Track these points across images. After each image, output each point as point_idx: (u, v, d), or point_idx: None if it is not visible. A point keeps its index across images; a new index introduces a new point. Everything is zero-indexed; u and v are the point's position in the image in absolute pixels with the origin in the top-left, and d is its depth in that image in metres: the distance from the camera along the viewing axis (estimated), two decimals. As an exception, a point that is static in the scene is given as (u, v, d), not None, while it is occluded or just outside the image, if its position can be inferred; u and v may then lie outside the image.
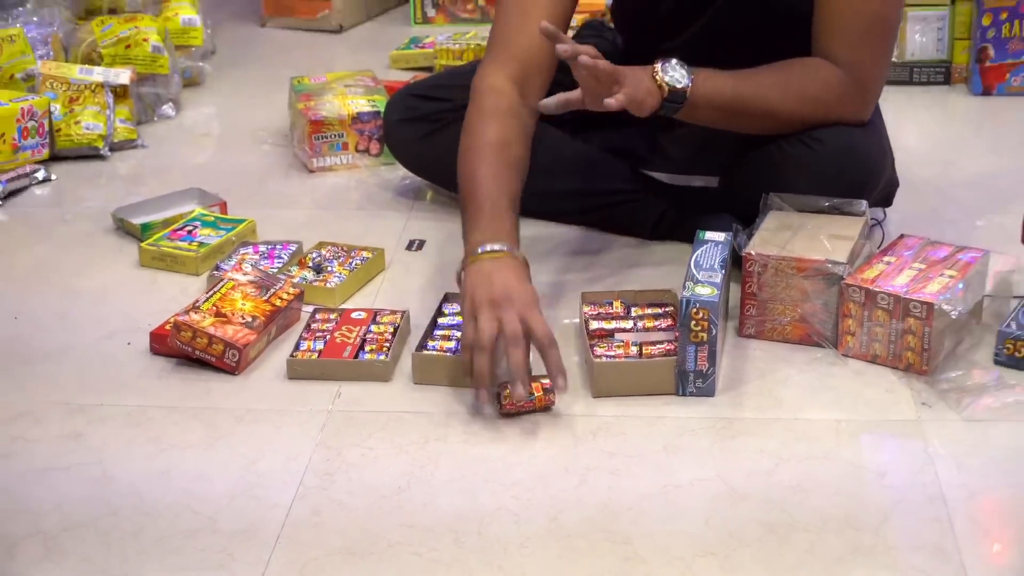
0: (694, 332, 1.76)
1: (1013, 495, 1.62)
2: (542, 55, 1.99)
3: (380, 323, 1.96)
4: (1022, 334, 1.85)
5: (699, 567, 1.48)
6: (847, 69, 2.00)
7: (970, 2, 2.94)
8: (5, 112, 2.49)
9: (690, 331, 1.76)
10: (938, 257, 1.94)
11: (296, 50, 3.30)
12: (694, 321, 1.75)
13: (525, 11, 2.02)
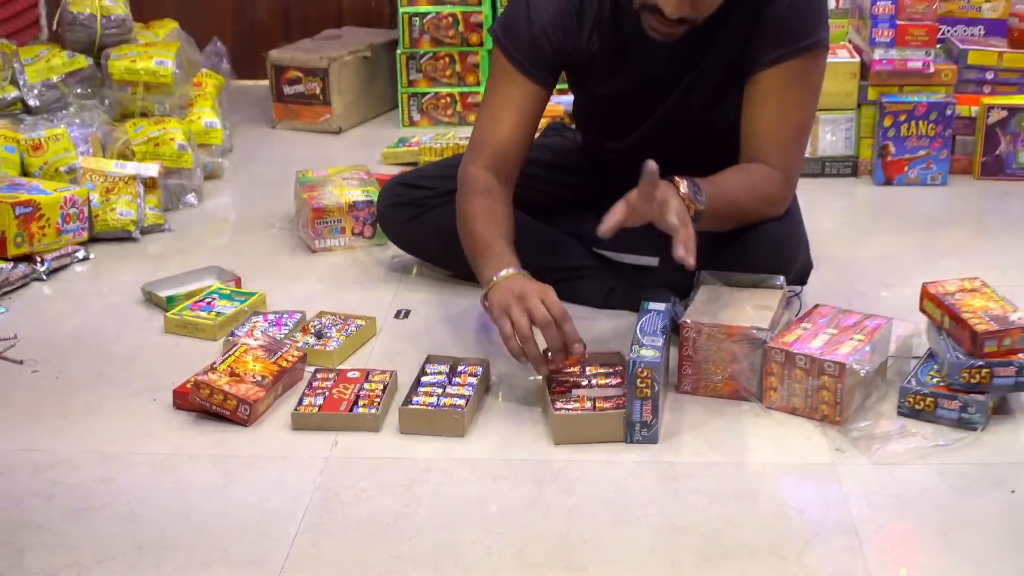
0: (640, 388, 1.77)
1: (916, 528, 1.62)
2: (510, 150, 2.05)
3: (372, 381, 1.95)
4: (921, 389, 1.86)
5: (645, 590, 1.47)
6: (779, 167, 2.01)
7: (873, 106, 2.97)
8: (50, 200, 2.49)
9: (636, 387, 1.77)
10: (848, 323, 1.95)
11: (301, 148, 3.31)
12: (639, 379, 1.76)
13: (496, 118, 2.06)
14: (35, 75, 2.96)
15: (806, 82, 2.03)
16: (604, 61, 2.08)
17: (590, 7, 2.03)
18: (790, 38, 1.96)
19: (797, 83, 2.00)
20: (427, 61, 3.42)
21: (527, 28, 2.03)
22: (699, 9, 1.83)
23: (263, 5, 3.96)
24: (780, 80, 1.98)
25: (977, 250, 2.58)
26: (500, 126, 2.06)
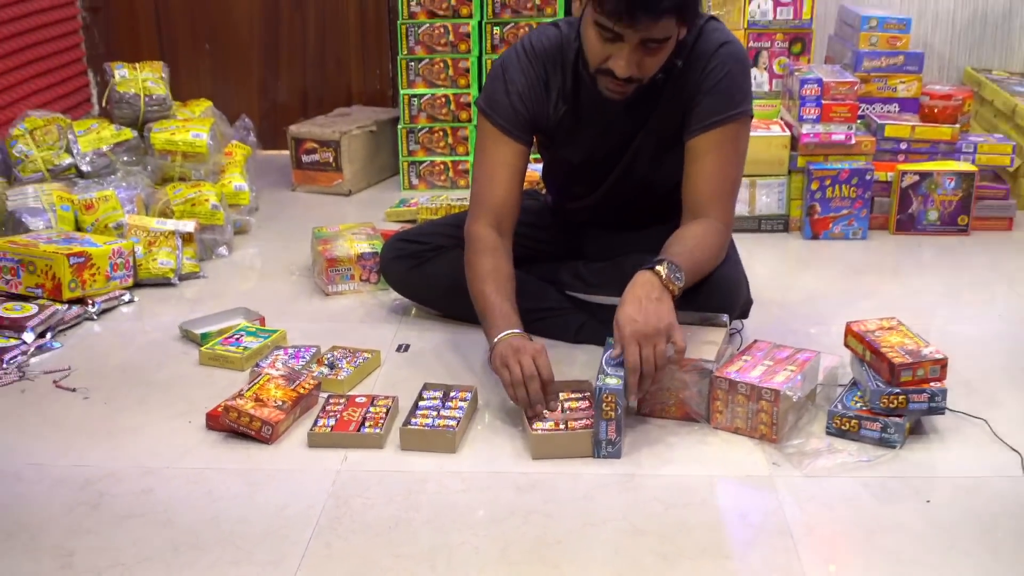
0: (605, 411, 1.77)
1: (843, 531, 1.63)
2: (507, 205, 2.07)
3: (376, 405, 1.95)
4: (846, 412, 1.86)
5: (610, 583, 1.47)
6: (719, 219, 2.02)
7: (802, 173, 3.00)
8: (101, 252, 2.49)
9: (602, 411, 1.77)
10: (782, 356, 1.96)
11: (317, 208, 3.31)
12: (605, 403, 1.77)
13: (491, 178, 2.08)
14: (87, 145, 2.97)
15: (736, 144, 2.04)
16: (568, 124, 2.10)
17: (555, 78, 2.06)
18: (722, 107, 1.98)
19: (729, 145, 2.02)
20: (424, 135, 3.44)
21: (505, 97, 2.05)
22: (644, 71, 1.88)
23: (284, 87, 3.98)
24: (715, 142, 2.00)
25: (893, 294, 2.59)
26: (496, 185, 2.08)
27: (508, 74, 2.06)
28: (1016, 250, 2.87)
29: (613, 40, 1.83)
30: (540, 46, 2.06)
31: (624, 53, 1.83)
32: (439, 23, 3.32)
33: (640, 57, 1.84)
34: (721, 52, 1.98)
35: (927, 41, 3.73)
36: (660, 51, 1.86)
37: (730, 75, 1.98)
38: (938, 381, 1.84)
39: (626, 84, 1.89)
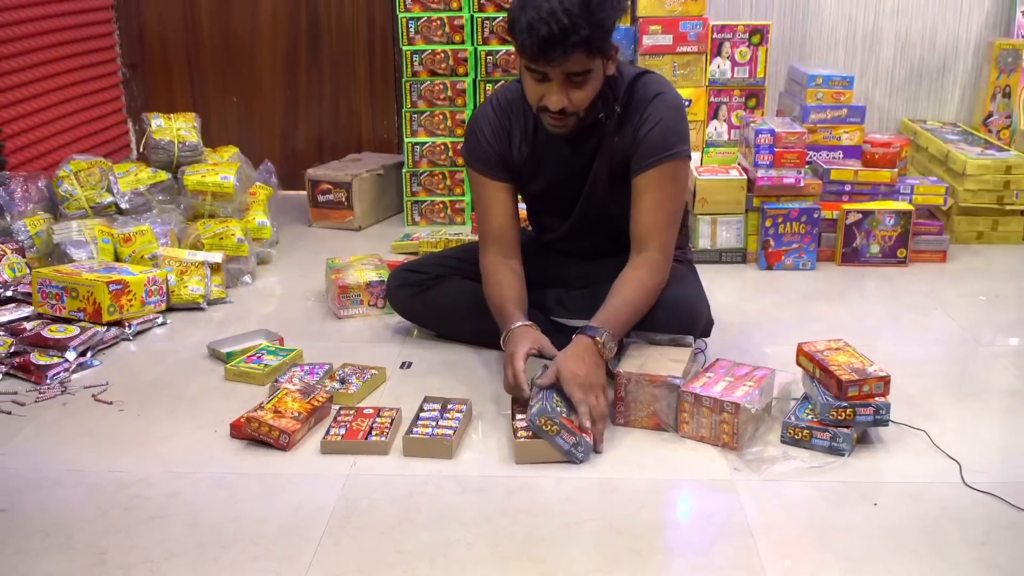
0: (548, 431, 1.77)
1: (798, 531, 1.61)
2: (507, 233, 2.13)
3: (382, 416, 1.92)
4: (799, 423, 1.85)
5: (591, 577, 1.45)
6: (657, 249, 2.02)
7: (757, 211, 2.99)
8: (137, 280, 2.46)
9: (546, 432, 1.77)
10: (741, 373, 1.95)
11: (330, 241, 3.30)
12: (544, 426, 1.77)
13: (487, 216, 2.14)
14: (126, 185, 2.95)
15: (673, 182, 2.03)
16: (532, 163, 2.12)
17: (517, 125, 2.10)
18: (658, 150, 1.99)
19: (667, 183, 2.02)
20: (425, 177, 3.44)
21: (478, 145, 2.11)
22: (576, 103, 1.90)
23: (303, 135, 3.98)
24: (653, 181, 2.01)
25: (840, 318, 2.58)
26: (493, 219, 2.13)
27: (478, 127, 2.12)
28: (950, 280, 2.86)
29: (543, 80, 1.88)
30: (503, 99, 2.12)
31: (554, 88, 1.87)
32: (439, 81, 3.33)
33: (568, 90, 1.88)
34: (655, 101, 2.00)
35: (868, 95, 3.75)
36: (585, 83, 1.89)
37: (663, 121, 1.99)
38: (882, 396, 1.83)
39: (563, 117, 1.92)
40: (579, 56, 1.82)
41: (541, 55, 1.81)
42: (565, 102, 1.89)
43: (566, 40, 1.77)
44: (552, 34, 1.77)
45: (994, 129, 3.65)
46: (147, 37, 3.87)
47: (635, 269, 2.01)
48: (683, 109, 2.06)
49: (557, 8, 1.76)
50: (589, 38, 1.80)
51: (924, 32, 3.71)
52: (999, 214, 3.17)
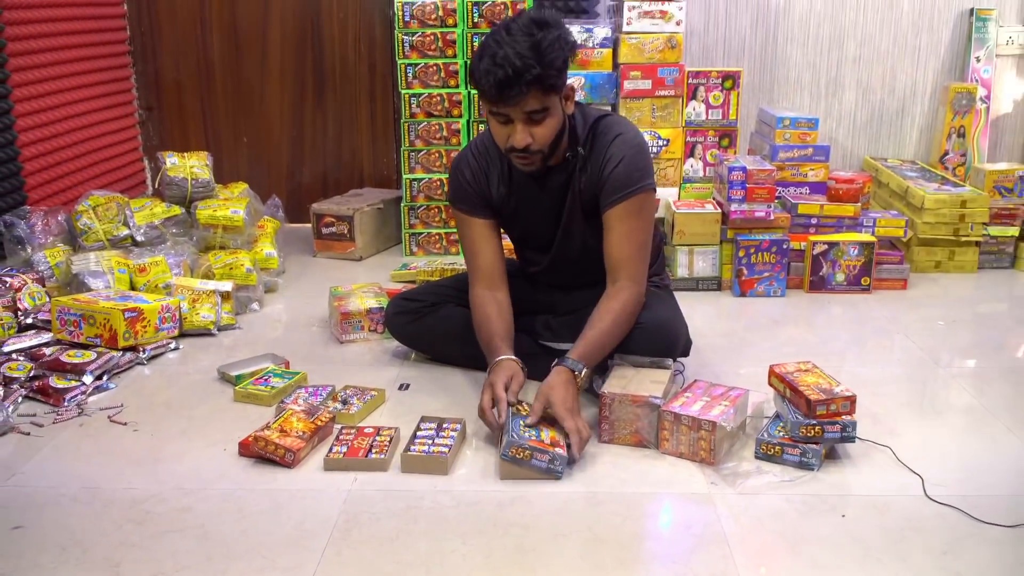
0: (522, 458, 1.77)
1: (771, 540, 1.60)
2: (493, 267, 2.13)
3: (381, 435, 1.92)
4: (771, 440, 1.85)
5: (578, 586, 1.44)
6: (629, 277, 2.03)
7: (731, 242, 3.01)
8: (151, 308, 2.45)
9: (519, 461, 1.77)
10: (717, 393, 1.95)
11: (334, 271, 3.30)
12: (518, 456, 1.77)
13: (474, 252, 2.15)
14: (142, 219, 2.95)
15: (640, 214, 2.05)
16: (510, 202, 2.15)
17: (494, 167, 2.13)
18: (623, 186, 2.02)
19: (633, 215, 2.04)
20: (422, 211, 3.45)
21: (460, 188, 2.14)
22: (539, 140, 1.93)
23: (308, 172, 3.99)
24: (621, 214, 2.03)
25: (808, 342, 2.58)
26: (479, 256, 2.14)
27: (459, 170, 2.15)
28: (910, 306, 2.87)
29: (506, 122, 1.92)
30: (480, 144, 2.15)
31: (517, 128, 1.91)
32: (435, 122, 3.35)
33: (530, 129, 1.91)
34: (616, 141, 2.03)
35: (832, 136, 3.79)
36: (546, 120, 1.92)
37: (626, 159, 2.02)
38: (848, 414, 1.83)
39: (529, 155, 1.95)
40: (535, 94, 1.86)
41: (500, 97, 1.86)
42: (529, 139, 1.92)
43: (520, 80, 1.82)
44: (507, 76, 1.82)
45: (950, 166, 3.68)
46: (163, 81, 3.89)
47: (609, 300, 2.02)
48: (644, 145, 2.08)
49: (510, 53, 1.82)
50: (541, 76, 1.84)
51: (884, 77, 3.76)
52: (955, 245, 3.19)
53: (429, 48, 3.30)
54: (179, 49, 3.85)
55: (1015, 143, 3.81)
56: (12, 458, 1.90)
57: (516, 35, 1.85)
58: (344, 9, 3.80)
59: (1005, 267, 3.23)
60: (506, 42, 1.84)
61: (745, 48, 3.73)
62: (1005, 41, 3.70)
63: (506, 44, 1.83)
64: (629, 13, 3.19)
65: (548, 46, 1.84)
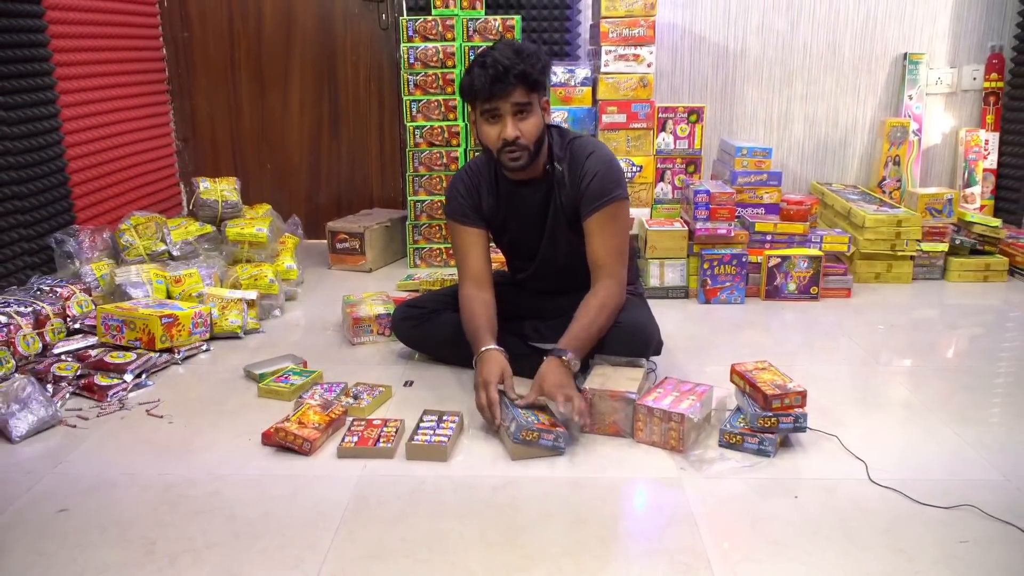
0: (532, 439, 1.77)
1: (733, 519, 1.58)
2: (481, 271, 2.12)
3: (388, 426, 1.89)
4: (733, 430, 1.83)
5: (565, 563, 1.43)
6: (609, 275, 2.04)
7: (696, 256, 2.99)
8: (185, 314, 2.43)
9: (529, 441, 1.77)
10: (685, 389, 1.94)
11: (347, 281, 3.28)
12: (528, 438, 1.76)
13: (464, 257, 2.15)
14: (177, 236, 2.93)
15: (615, 220, 2.06)
16: (499, 213, 2.16)
17: (483, 182, 2.15)
18: (598, 196, 2.04)
19: (610, 222, 2.05)
20: (425, 228, 3.43)
21: (455, 199, 2.16)
22: (525, 134, 1.97)
23: (324, 194, 3.97)
24: (598, 222, 2.04)
25: (764, 344, 2.57)
26: (469, 260, 2.13)
27: (455, 186, 2.17)
28: (854, 312, 2.86)
29: (496, 118, 1.96)
30: (473, 165, 2.18)
31: (507, 121, 1.95)
32: (436, 150, 3.33)
33: (517, 123, 1.95)
34: (591, 158, 2.05)
35: (784, 163, 3.79)
36: (530, 115, 1.97)
37: (598, 174, 2.04)
38: (800, 407, 1.81)
39: (518, 149, 1.97)
40: (520, 89, 1.93)
41: (491, 91, 1.92)
42: (517, 132, 1.95)
43: (508, 75, 1.90)
44: (497, 72, 1.90)
45: (887, 190, 3.69)
46: (197, 115, 3.86)
47: (592, 296, 2.03)
48: (614, 160, 2.09)
49: (499, 58, 1.92)
50: (525, 72, 1.92)
51: (828, 113, 3.76)
52: (892, 259, 3.19)
53: (431, 86, 3.29)
54: (211, 88, 3.83)
55: (943, 170, 3.82)
56: (59, 448, 1.87)
57: (500, 48, 1.95)
58: (356, 53, 3.79)
59: (936, 278, 3.23)
60: (491, 54, 1.94)
61: (707, 87, 3.73)
62: (934, 81, 3.71)
63: (492, 52, 1.94)
64: (606, 56, 3.19)
65: (529, 53, 1.95)
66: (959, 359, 2.46)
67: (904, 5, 3.64)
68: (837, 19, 3.66)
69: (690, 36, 3.67)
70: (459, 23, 3.25)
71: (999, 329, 2.69)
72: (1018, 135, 3.59)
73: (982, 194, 3.68)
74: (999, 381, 2.25)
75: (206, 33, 3.78)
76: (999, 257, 3.23)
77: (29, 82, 2.74)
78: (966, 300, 3.00)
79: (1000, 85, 3.67)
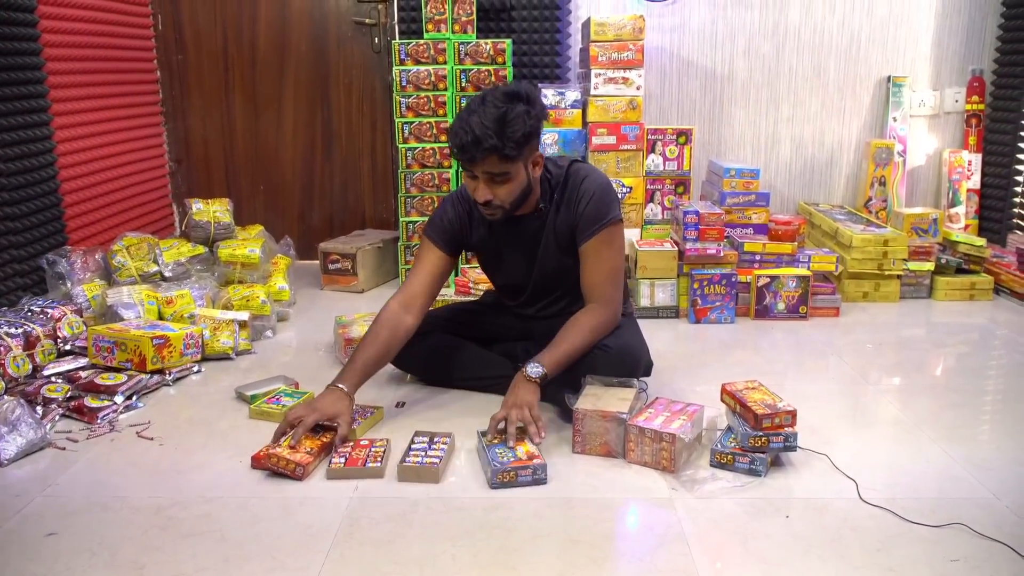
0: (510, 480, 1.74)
1: (724, 539, 1.57)
2: (420, 294, 2.08)
3: (376, 447, 1.88)
4: (724, 449, 1.83)
5: (555, 583, 1.41)
6: (601, 302, 2.04)
7: (687, 276, 3.00)
8: (177, 335, 2.41)
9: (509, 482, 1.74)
10: (676, 409, 1.93)
11: (339, 302, 3.27)
12: (505, 480, 1.74)
13: (416, 272, 2.13)
14: (169, 257, 2.92)
15: (610, 245, 2.05)
16: (491, 242, 2.15)
17: (476, 211, 2.10)
18: (593, 222, 2.03)
19: (605, 246, 2.04)
20: (416, 249, 3.42)
21: (439, 221, 2.13)
22: (500, 198, 1.94)
23: (316, 215, 3.96)
24: (595, 246, 2.04)
25: (755, 363, 2.57)
26: (415, 278, 2.11)
27: (444, 208, 2.14)
28: (842, 331, 2.87)
29: (473, 178, 1.93)
30: (466, 190, 2.11)
31: (480, 184, 1.93)
32: (428, 172, 3.34)
33: (492, 187, 1.92)
34: (585, 183, 2.05)
35: (772, 183, 3.81)
36: (506, 183, 1.93)
37: (594, 198, 2.03)
38: (790, 427, 1.81)
39: (491, 208, 1.96)
40: (492, 160, 1.87)
41: (461, 157, 1.89)
42: (490, 196, 1.93)
43: (476, 148, 1.84)
44: (465, 142, 1.84)
45: (873, 210, 3.71)
46: (191, 137, 3.86)
47: (583, 314, 2.04)
48: (609, 185, 2.09)
49: (475, 123, 1.84)
50: (496, 147, 1.84)
51: (814, 134, 3.79)
52: (880, 278, 3.20)
53: (423, 109, 3.30)
54: (205, 110, 3.83)
55: (928, 190, 3.85)
56: (48, 470, 1.85)
57: (488, 106, 1.85)
58: (349, 76, 3.80)
59: (923, 297, 3.24)
60: (477, 111, 1.85)
61: (696, 109, 3.76)
62: (918, 104, 3.75)
63: (476, 113, 1.85)
64: (596, 79, 3.21)
65: (512, 120, 1.84)
66: (947, 377, 2.46)
67: (887, 30, 3.69)
68: (822, 43, 3.70)
69: (678, 60, 3.70)
70: (451, 47, 3.27)
71: (986, 347, 2.70)
72: (1000, 156, 3.62)
73: (967, 214, 3.71)
74: (987, 399, 2.26)
75: (200, 56, 3.79)
76: (984, 276, 3.25)
77: (23, 104, 2.73)
78: (953, 319, 3.02)
79: (981, 107, 3.71)
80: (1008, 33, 3.58)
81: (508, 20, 3.58)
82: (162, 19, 3.74)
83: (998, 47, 3.65)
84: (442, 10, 3.28)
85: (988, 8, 3.66)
